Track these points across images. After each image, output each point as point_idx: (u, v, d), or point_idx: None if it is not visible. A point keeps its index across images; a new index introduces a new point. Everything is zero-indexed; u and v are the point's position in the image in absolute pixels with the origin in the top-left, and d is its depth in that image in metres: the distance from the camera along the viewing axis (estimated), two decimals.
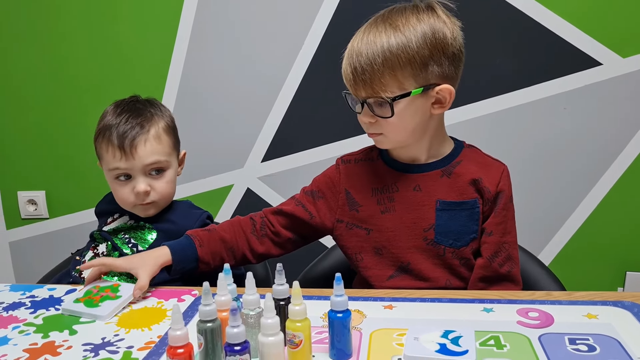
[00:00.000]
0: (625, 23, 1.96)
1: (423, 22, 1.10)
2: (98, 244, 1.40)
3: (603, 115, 2.03)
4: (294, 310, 0.83)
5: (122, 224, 1.41)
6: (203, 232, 1.27)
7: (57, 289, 1.23)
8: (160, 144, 1.33)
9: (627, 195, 2.08)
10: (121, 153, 1.30)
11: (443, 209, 1.19)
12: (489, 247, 1.20)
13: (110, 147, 1.31)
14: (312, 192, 1.30)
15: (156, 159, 1.32)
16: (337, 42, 2.09)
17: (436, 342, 0.90)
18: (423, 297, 1.10)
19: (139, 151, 1.30)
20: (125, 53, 2.22)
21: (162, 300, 1.14)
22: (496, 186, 1.20)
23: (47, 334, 1.01)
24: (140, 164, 1.31)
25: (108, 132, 1.31)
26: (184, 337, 0.79)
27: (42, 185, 2.40)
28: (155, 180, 1.34)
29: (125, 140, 1.29)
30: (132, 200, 1.33)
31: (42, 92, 2.30)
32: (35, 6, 2.22)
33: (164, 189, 1.35)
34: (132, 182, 1.33)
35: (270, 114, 2.19)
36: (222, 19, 2.14)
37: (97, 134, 1.35)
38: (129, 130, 1.30)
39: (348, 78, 1.14)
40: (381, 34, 1.10)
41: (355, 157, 1.31)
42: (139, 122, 1.32)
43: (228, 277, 0.93)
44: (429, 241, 1.20)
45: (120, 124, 1.31)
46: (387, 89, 1.10)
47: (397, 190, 1.22)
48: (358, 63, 1.10)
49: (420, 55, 1.09)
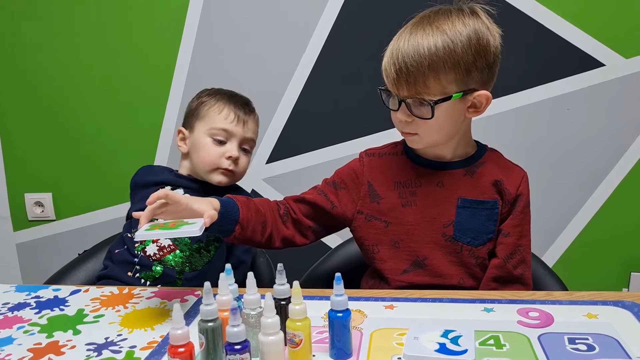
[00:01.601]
0: (628, 24, 1.96)
1: (469, 27, 1.11)
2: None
3: (606, 116, 2.03)
4: (294, 310, 0.84)
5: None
6: (242, 198, 1.23)
7: (62, 289, 1.24)
8: (257, 129, 1.52)
9: (631, 196, 2.08)
10: (235, 117, 1.44)
11: (464, 207, 1.21)
12: (504, 248, 1.21)
13: (225, 109, 1.44)
14: (334, 182, 1.31)
15: (253, 137, 1.49)
16: (342, 43, 2.13)
17: (436, 341, 0.91)
18: (424, 297, 1.10)
19: (249, 124, 1.46)
20: (132, 55, 2.23)
21: (165, 301, 1.15)
22: (516, 189, 1.22)
23: (52, 334, 1.03)
24: (244, 134, 1.45)
25: (224, 98, 1.46)
26: (184, 336, 0.80)
27: (49, 187, 2.41)
28: (242, 154, 1.46)
29: (242, 109, 1.46)
30: (219, 162, 1.42)
31: (49, 94, 2.32)
32: (43, 8, 2.24)
33: (244, 165, 1.48)
34: (227, 146, 1.43)
35: (275, 116, 2.20)
36: (227, 20, 2.15)
37: (208, 95, 1.48)
38: (244, 104, 1.48)
39: (390, 77, 1.14)
40: (428, 37, 1.10)
41: (380, 151, 1.32)
42: (251, 107, 1.51)
43: (229, 277, 0.93)
44: (448, 237, 1.21)
45: (236, 97, 1.48)
46: (430, 91, 1.11)
47: (420, 185, 1.23)
48: (404, 64, 1.10)
49: (464, 61, 1.10)
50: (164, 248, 1.39)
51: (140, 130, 2.28)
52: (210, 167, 1.43)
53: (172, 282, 1.37)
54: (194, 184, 1.46)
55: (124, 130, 2.30)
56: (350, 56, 2.11)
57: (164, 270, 1.37)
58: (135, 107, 2.28)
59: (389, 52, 1.14)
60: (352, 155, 2.14)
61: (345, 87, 2.14)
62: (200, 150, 1.44)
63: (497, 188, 1.21)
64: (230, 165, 1.43)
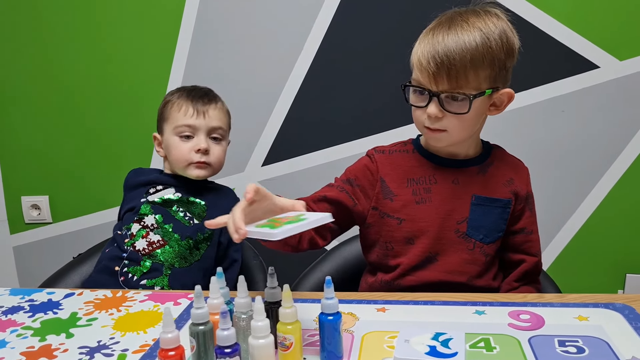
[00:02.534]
0: (622, 26, 1.97)
1: (499, 27, 1.15)
2: (144, 215, 1.45)
3: (601, 117, 2.04)
4: (284, 313, 0.85)
5: (170, 197, 1.47)
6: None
7: (55, 292, 1.24)
8: (224, 115, 1.52)
9: (625, 198, 2.08)
10: (194, 111, 1.46)
11: (478, 204, 1.22)
12: (534, 245, 1.27)
13: (184, 106, 1.46)
14: (348, 180, 1.28)
15: (220, 124, 1.50)
16: (337, 45, 2.13)
17: (426, 344, 0.91)
18: (416, 299, 1.11)
19: (210, 113, 1.47)
20: (127, 58, 2.24)
21: (158, 304, 1.15)
22: (527, 186, 1.27)
23: (44, 337, 1.03)
24: (208, 125, 1.47)
25: (183, 95, 1.49)
26: (175, 339, 0.80)
27: (46, 190, 2.42)
28: (213, 144, 1.49)
29: (200, 101, 1.48)
30: (189, 157, 1.45)
31: (45, 97, 2.32)
32: (38, 11, 2.24)
33: (219, 154, 1.50)
34: (194, 140, 1.46)
35: (271, 118, 2.20)
36: (223, 22, 2.16)
37: (167, 100, 1.51)
38: (203, 96, 1.50)
39: (429, 70, 1.13)
40: (467, 33, 1.12)
41: (389, 148, 1.32)
42: (211, 96, 1.52)
43: (220, 280, 0.94)
44: (461, 234, 1.22)
45: (194, 91, 1.50)
46: (469, 85, 1.13)
47: (435, 182, 1.24)
48: (446, 57, 1.11)
49: (498, 59, 1.14)
50: (154, 243, 1.42)
51: (137, 133, 2.28)
52: (183, 164, 1.47)
53: (159, 278, 1.38)
54: (179, 181, 1.50)
55: (121, 133, 2.30)
56: (347, 59, 2.12)
57: (152, 265, 1.39)
58: (132, 109, 2.28)
59: (426, 46, 1.14)
60: (348, 157, 2.17)
61: (341, 90, 2.14)
62: (171, 149, 1.48)
63: (510, 187, 1.25)
64: (202, 157, 1.46)
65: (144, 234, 1.43)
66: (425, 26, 1.20)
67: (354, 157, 2.18)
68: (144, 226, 1.44)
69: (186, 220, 1.45)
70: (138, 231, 1.44)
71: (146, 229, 1.43)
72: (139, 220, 1.45)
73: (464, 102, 1.13)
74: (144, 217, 1.45)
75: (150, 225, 1.44)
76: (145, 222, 1.44)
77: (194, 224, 1.46)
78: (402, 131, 2.09)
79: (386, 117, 2.12)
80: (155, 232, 1.43)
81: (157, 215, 1.44)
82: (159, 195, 1.48)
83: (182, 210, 1.46)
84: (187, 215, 1.46)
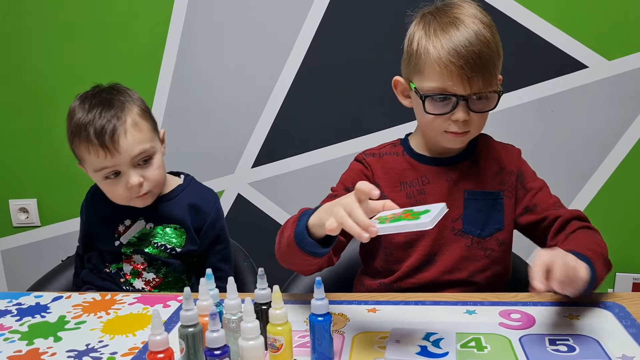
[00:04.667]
0: (610, 26, 1.98)
1: (484, 13, 1.13)
2: (130, 256, 1.37)
3: (590, 117, 2.05)
4: (274, 314, 0.84)
5: (142, 230, 1.37)
6: None
7: (43, 296, 1.23)
8: (140, 132, 1.27)
9: (615, 197, 2.09)
10: (104, 151, 1.23)
11: (471, 199, 1.21)
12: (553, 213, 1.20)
13: (92, 148, 1.24)
14: (347, 188, 1.23)
15: (141, 148, 1.27)
16: (326, 46, 2.13)
17: (417, 344, 0.92)
18: (407, 300, 1.11)
19: (122, 145, 1.24)
20: (116, 60, 2.22)
21: (147, 306, 1.15)
22: (516, 167, 1.24)
23: (32, 341, 1.02)
24: (127, 157, 1.25)
25: (84, 132, 1.24)
26: (163, 342, 0.80)
27: (34, 194, 2.39)
28: (145, 169, 1.29)
29: (105, 136, 1.22)
30: (127, 196, 1.29)
31: (32, 99, 2.30)
32: (22, 12, 2.22)
33: (156, 176, 1.31)
34: (123, 177, 1.27)
35: (260, 119, 2.19)
36: (211, 24, 2.15)
37: (72, 136, 1.28)
38: (105, 124, 1.23)
39: (462, 75, 1.07)
40: (480, 28, 1.09)
41: (379, 151, 1.28)
42: (114, 114, 1.25)
43: (210, 282, 0.93)
44: (457, 231, 1.21)
45: (95, 120, 1.24)
46: (497, 80, 1.12)
47: (428, 182, 1.22)
48: (477, 56, 1.07)
49: (501, 47, 1.13)
50: (150, 282, 1.38)
51: None
52: (125, 202, 1.32)
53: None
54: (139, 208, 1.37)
55: None
56: (336, 60, 2.11)
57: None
58: None
59: (451, 50, 1.07)
60: (339, 158, 2.18)
61: (331, 91, 2.14)
62: (105, 191, 1.33)
63: (499, 178, 1.22)
64: (140, 191, 1.29)
65: (138, 274, 1.37)
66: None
67: (345, 158, 2.18)
68: (135, 266, 1.37)
69: (166, 253, 1.36)
70: (131, 272, 1.37)
71: (138, 270, 1.37)
72: (128, 260, 1.37)
73: (492, 99, 1.12)
74: (131, 257, 1.37)
75: (140, 265, 1.37)
76: (134, 261, 1.37)
77: (176, 252, 1.37)
78: (392, 132, 2.09)
79: (376, 118, 2.11)
80: (147, 271, 1.37)
81: (142, 257, 1.37)
82: (131, 234, 1.37)
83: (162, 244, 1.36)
84: (164, 247, 1.36)
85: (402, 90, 1.22)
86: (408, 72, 1.17)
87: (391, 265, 1.24)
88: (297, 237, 0.99)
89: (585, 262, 0.96)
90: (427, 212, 0.88)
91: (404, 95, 1.21)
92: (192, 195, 1.41)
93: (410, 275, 1.22)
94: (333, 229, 0.88)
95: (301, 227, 0.98)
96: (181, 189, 1.41)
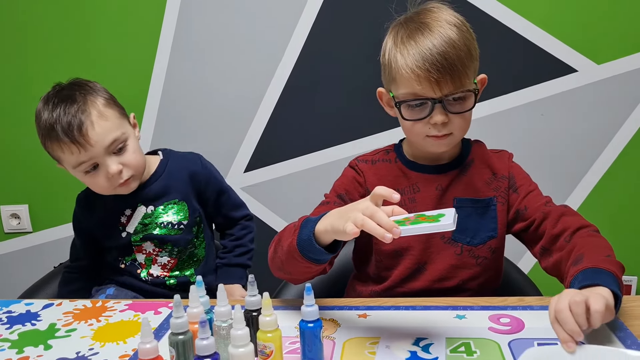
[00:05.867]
0: (599, 30, 1.99)
1: (459, 17, 1.14)
2: (141, 243, 1.40)
3: (580, 121, 2.06)
4: (264, 321, 0.84)
5: (145, 214, 1.39)
6: None
7: (34, 303, 1.23)
8: (108, 120, 1.28)
9: (605, 200, 2.10)
10: (77, 146, 1.25)
11: (460, 207, 1.20)
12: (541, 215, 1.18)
13: (64, 145, 1.26)
14: (340, 195, 1.23)
15: (113, 137, 1.28)
16: (319, 50, 2.13)
17: (407, 350, 0.92)
18: (397, 305, 1.11)
19: (92, 137, 1.25)
20: (107, 65, 2.21)
21: (138, 313, 1.14)
22: (507, 171, 1.24)
23: (22, 350, 1.02)
24: (101, 148, 1.26)
25: (53, 132, 1.26)
26: (153, 350, 0.80)
27: (25, 199, 2.39)
28: (121, 156, 1.30)
29: (74, 132, 1.24)
30: (110, 185, 1.31)
31: (25, 104, 2.29)
32: (11, 18, 2.22)
33: (134, 160, 1.32)
34: (102, 168, 1.29)
35: (252, 124, 2.19)
36: (203, 27, 2.15)
37: (43, 138, 1.30)
38: (71, 120, 1.25)
39: (430, 78, 1.08)
40: (446, 30, 1.09)
41: (372, 158, 1.28)
42: (78, 109, 1.26)
43: (200, 289, 0.93)
44: (447, 239, 1.20)
45: (60, 117, 1.25)
46: (469, 80, 1.12)
47: (418, 190, 1.22)
48: (444, 59, 1.07)
49: (474, 47, 1.13)
50: (165, 266, 1.41)
51: None
52: (110, 191, 1.34)
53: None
54: (135, 194, 1.40)
55: None
56: (329, 64, 2.12)
57: (177, 280, 1.43)
58: None
59: (414, 55, 1.09)
60: (332, 162, 2.18)
61: (324, 95, 2.14)
62: (89, 186, 1.36)
63: (492, 185, 1.22)
64: (122, 177, 1.31)
65: (153, 260, 1.40)
66: None
67: (338, 162, 2.19)
68: (147, 254, 1.40)
69: (174, 230, 1.40)
70: (145, 260, 1.40)
71: (151, 256, 1.40)
72: (139, 249, 1.40)
73: (468, 99, 1.12)
74: (141, 245, 1.40)
75: (152, 251, 1.40)
76: (145, 249, 1.40)
77: (184, 225, 1.40)
78: (385, 136, 2.10)
79: (369, 123, 2.12)
80: (160, 255, 1.40)
81: (152, 242, 1.40)
82: (136, 221, 1.39)
83: (167, 222, 1.40)
84: (170, 224, 1.40)
85: (387, 101, 1.22)
86: (386, 82, 1.19)
87: (382, 272, 1.24)
88: (301, 244, 0.99)
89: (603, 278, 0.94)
90: (442, 215, 0.90)
91: (389, 105, 1.22)
92: (177, 164, 1.44)
93: (401, 284, 1.22)
94: (355, 232, 0.88)
95: (307, 234, 0.98)
96: (165, 164, 1.44)
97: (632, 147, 2.07)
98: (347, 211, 0.92)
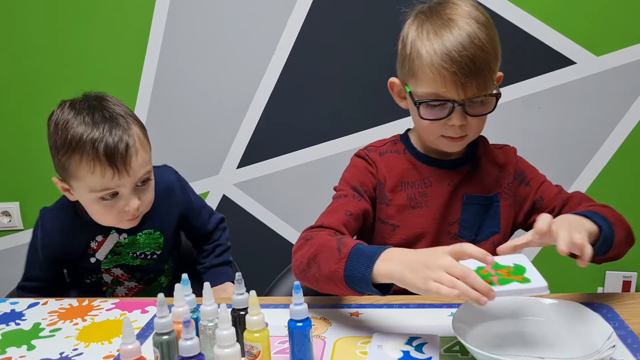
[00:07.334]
0: (598, 21, 1.96)
1: (481, 11, 1.10)
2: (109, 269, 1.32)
3: (578, 114, 2.03)
4: (251, 321, 0.82)
5: (118, 242, 1.30)
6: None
7: (19, 302, 1.20)
8: (146, 152, 1.19)
9: (604, 194, 2.05)
10: (113, 171, 1.12)
11: (469, 203, 1.18)
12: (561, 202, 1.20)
13: (98, 166, 1.12)
14: (355, 188, 1.17)
15: (146, 169, 1.18)
16: (310, 45, 2.10)
17: (400, 349, 0.89)
18: (390, 303, 1.08)
19: (133, 166, 1.14)
20: (98, 63, 2.19)
21: (125, 312, 1.12)
22: (514, 167, 1.22)
23: (4, 350, 0.99)
24: (134, 178, 1.16)
25: (91, 149, 1.12)
26: (135, 351, 0.77)
27: (16, 197, 2.35)
28: (142, 192, 1.20)
29: (118, 156, 1.12)
30: (119, 218, 1.20)
31: (14, 103, 2.26)
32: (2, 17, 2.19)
33: (150, 198, 1.23)
34: (120, 200, 1.17)
35: (245, 119, 2.16)
36: (194, 23, 2.12)
37: (67, 149, 1.15)
38: (118, 143, 1.12)
39: (453, 80, 1.03)
40: (474, 29, 1.05)
41: (380, 149, 1.23)
42: (124, 132, 1.14)
43: (186, 287, 0.90)
44: (453, 235, 1.18)
45: (105, 137, 1.12)
46: (494, 83, 1.09)
47: (430, 184, 1.18)
48: (470, 61, 1.03)
49: (499, 49, 1.11)
50: (133, 289, 1.36)
51: None
52: (113, 224, 1.23)
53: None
54: None
55: None
56: (321, 59, 2.09)
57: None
58: None
59: (444, 55, 1.03)
60: (325, 157, 2.15)
61: (316, 90, 2.12)
62: (93, 213, 1.22)
63: (499, 181, 1.20)
64: (134, 214, 1.20)
65: (120, 283, 1.34)
66: (398, 23, 1.15)
67: (330, 158, 2.16)
68: (115, 276, 1.33)
69: (147, 260, 1.33)
70: (113, 280, 1.34)
71: (119, 279, 1.34)
72: (107, 271, 1.32)
73: (489, 102, 1.09)
74: (110, 268, 1.32)
75: (120, 276, 1.33)
76: (113, 272, 1.33)
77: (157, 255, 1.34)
78: (377, 131, 2.07)
79: (362, 118, 2.09)
80: (129, 280, 1.34)
81: (120, 269, 1.33)
82: (107, 249, 1.30)
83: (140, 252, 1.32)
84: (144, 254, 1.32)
85: (398, 92, 1.19)
86: (402, 75, 1.14)
87: None
88: (350, 279, 0.92)
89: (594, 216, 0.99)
90: (522, 268, 0.89)
91: (401, 97, 1.18)
92: (156, 189, 1.28)
93: None
94: (454, 295, 0.81)
95: (361, 273, 0.91)
96: None
97: (632, 141, 2.04)
98: (423, 265, 0.85)
